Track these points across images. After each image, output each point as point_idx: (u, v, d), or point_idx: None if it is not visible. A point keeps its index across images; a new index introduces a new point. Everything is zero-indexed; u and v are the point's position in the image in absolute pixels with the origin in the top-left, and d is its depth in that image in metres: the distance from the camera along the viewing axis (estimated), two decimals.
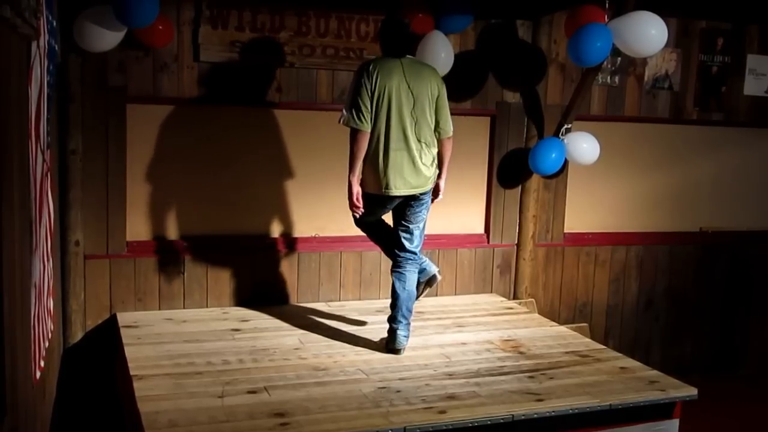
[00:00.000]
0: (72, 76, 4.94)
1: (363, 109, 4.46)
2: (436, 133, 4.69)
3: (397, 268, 4.77)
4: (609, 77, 6.22)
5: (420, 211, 4.71)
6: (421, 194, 4.66)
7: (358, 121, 4.48)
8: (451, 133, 4.75)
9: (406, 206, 4.68)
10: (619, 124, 6.34)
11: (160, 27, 4.92)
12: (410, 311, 4.74)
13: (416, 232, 4.74)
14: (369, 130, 4.50)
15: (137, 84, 5.15)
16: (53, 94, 4.22)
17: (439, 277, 4.94)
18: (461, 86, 5.86)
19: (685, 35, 6.42)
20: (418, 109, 4.56)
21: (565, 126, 5.78)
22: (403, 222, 4.73)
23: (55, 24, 4.07)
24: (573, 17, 5.28)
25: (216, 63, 5.29)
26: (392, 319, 4.70)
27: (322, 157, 5.56)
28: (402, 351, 4.67)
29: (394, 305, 4.71)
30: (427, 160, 4.63)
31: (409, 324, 4.73)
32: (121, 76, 5.11)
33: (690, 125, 6.59)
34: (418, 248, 4.78)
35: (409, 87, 4.53)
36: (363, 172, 4.63)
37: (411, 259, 4.76)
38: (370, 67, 4.53)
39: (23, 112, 2.89)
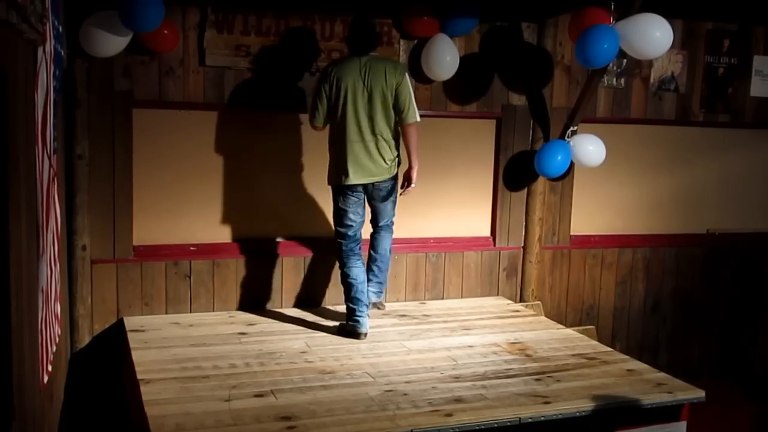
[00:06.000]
0: (78, 81, 4.96)
1: (318, 108, 5.00)
2: (399, 123, 5.00)
3: (371, 237, 5.29)
4: (615, 79, 6.22)
5: (383, 197, 5.09)
6: (378, 182, 5.00)
7: (313, 119, 5.06)
8: (411, 120, 4.99)
9: (372, 196, 5.07)
10: (625, 126, 6.34)
11: (166, 32, 4.94)
12: (381, 270, 5.35)
13: (385, 216, 5.19)
14: (322, 126, 5.06)
15: (143, 89, 5.17)
16: (59, 99, 4.23)
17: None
18: (467, 89, 5.87)
19: (690, 36, 6.41)
20: (373, 104, 4.91)
21: (571, 128, 5.79)
22: (372, 207, 5.17)
23: (61, 29, 4.09)
24: (578, 19, 5.28)
25: (221, 67, 5.30)
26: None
27: (327, 161, 5.56)
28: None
29: (369, 264, 5.30)
30: (384, 151, 4.97)
31: (381, 284, 5.39)
32: (127, 80, 5.13)
33: (696, 127, 6.58)
34: (389, 223, 5.26)
35: (364, 85, 4.91)
36: (329, 166, 5.05)
37: (385, 230, 5.27)
38: (330, 70, 4.99)
39: (29, 117, 2.90)
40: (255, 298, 5.59)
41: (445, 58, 5.48)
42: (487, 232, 6.21)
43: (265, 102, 5.43)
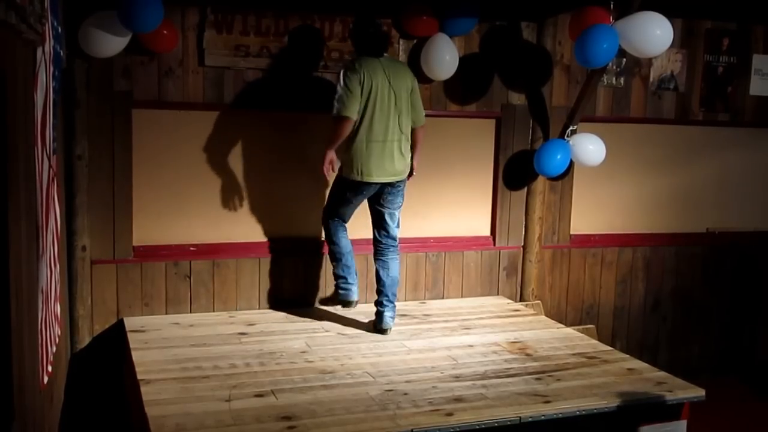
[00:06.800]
0: (77, 82, 4.96)
1: (353, 98, 4.82)
2: (413, 124, 5.12)
3: (380, 256, 5.20)
4: (614, 78, 6.22)
5: (396, 198, 5.11)
6: (397, 182, 5.05)
7: (347, 109, 4.83)
8: (423, 122, 5.19)
9: (383, 194, 5.06)
10: (624, 125, 6.33)
11: (165, 32, 4.95)
12: (395, 295, 5.21)
13: (394, 218, 5.15)
14: (355, 118, 4.87)
15: (143, 89, 5.16)
16: (59, 99, 4.23)
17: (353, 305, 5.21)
18: (466, 89, 5.87)
19: (690, 35, 6.41)
20: (399, 103, 4.98)
21: (571, 127, 5.79)
22: (381, 209, 5.12)
23: (60, 29, 4.08)
24: (578, 18, 5.28)
25: (221, 67, 5.30)
26: (379, 303, 5.15)
27: None
28: (388, 331, 5.10)
29: (380, 291, 5.17)
30: (405, 150, 5.06)
31: (395, 306, 5.18)
32: (127, 81, 5.13)
33: (696, 126, 6.58)
34: (397, 235, 5.20)
35: (390, 84, 4.95)
36: (346, 160, 5.01)
37: (392, 246, 5.19)
38: (356, 65, 4.93)
39: (29, 117, 2.89)
40: (255, 298, 5.59)
41: (445, 57, 5.48)
42: (487, 232, 6.21)
43: (265, 102, 5.43)
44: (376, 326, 5.13)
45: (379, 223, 5.17)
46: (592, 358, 4.76)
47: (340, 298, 5.24)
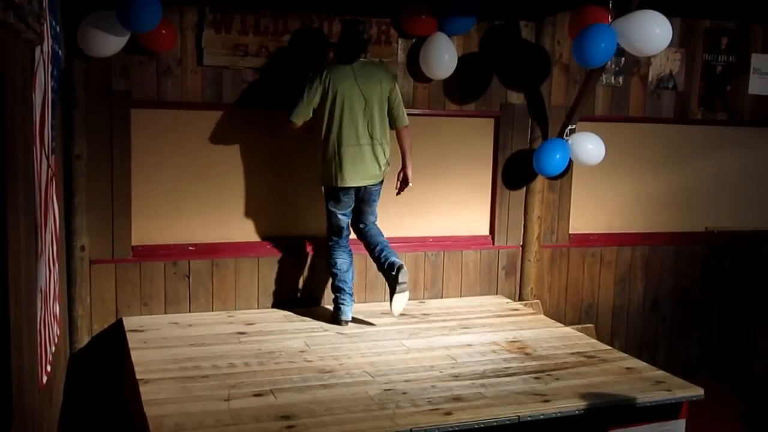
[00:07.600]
0: (76, 82, 4.96)
1: (304, 105, 5.01)
2: (394, 126, 5.18)
3: (363, 237, 5.29)
4: (613, 78, 6.22)
5: (372, 200, 5.21)
6: (371, 185, 5.13)
7: (294, 114, 5.02)
8: (406, 123, 5.21)
9: (362, 199, 5.18)
10: (623, 125, 6.33)
11: (164, 32, 4.95)
12: (389, 248, 5.23)
13: (372, 216, 5.27)
14: (299, 125, 5.06)
15: (141, 89, 5.16)
16: (57, 99, 4.23)
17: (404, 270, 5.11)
18: (465, 88, 5.87)
19: (689, 35, 6.41)
20: (370, 109, 5.05)
21: (570, 127, 5.78)
22: (362, 205, 5.22)
23: (58, 29, 4.08)
24: (576, 18, 5.28)
25: (220, 67, 5.30)
26: (384, 257, 5.15)
27: None
28: (402, 269, 5.03)
29: (380, 251, 5.18)
30: (379, 154, 5.11)
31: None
32: (125, 80, 5.13)
33: (694, 125, 6.58)
34: (375, 222, 5.33)
35: (360, 90, 5.03)
36: (323, 169, 5.13)
37: (374, 226, 5.29)
38: (323, 74, 5.03)
39: (27, 117, 2.89)
40: (254, 298, 5.59)
41: (444, 56, 5.48)
42: (486, 231, 6.21)
43: (263, 101, 5.43)
44: (390, 272, 5.03)
45: (359, 217, 5.27)
46: (590, 357, 4.76)
47: (333, 316, 5.30)
